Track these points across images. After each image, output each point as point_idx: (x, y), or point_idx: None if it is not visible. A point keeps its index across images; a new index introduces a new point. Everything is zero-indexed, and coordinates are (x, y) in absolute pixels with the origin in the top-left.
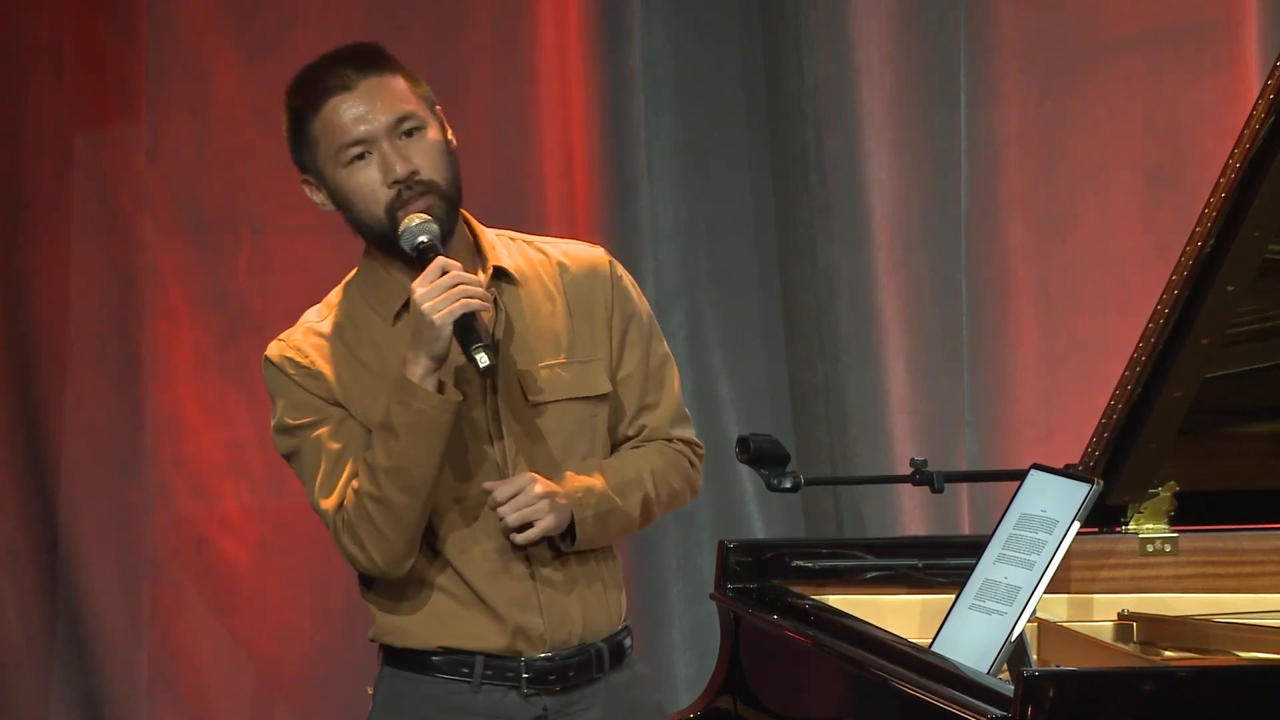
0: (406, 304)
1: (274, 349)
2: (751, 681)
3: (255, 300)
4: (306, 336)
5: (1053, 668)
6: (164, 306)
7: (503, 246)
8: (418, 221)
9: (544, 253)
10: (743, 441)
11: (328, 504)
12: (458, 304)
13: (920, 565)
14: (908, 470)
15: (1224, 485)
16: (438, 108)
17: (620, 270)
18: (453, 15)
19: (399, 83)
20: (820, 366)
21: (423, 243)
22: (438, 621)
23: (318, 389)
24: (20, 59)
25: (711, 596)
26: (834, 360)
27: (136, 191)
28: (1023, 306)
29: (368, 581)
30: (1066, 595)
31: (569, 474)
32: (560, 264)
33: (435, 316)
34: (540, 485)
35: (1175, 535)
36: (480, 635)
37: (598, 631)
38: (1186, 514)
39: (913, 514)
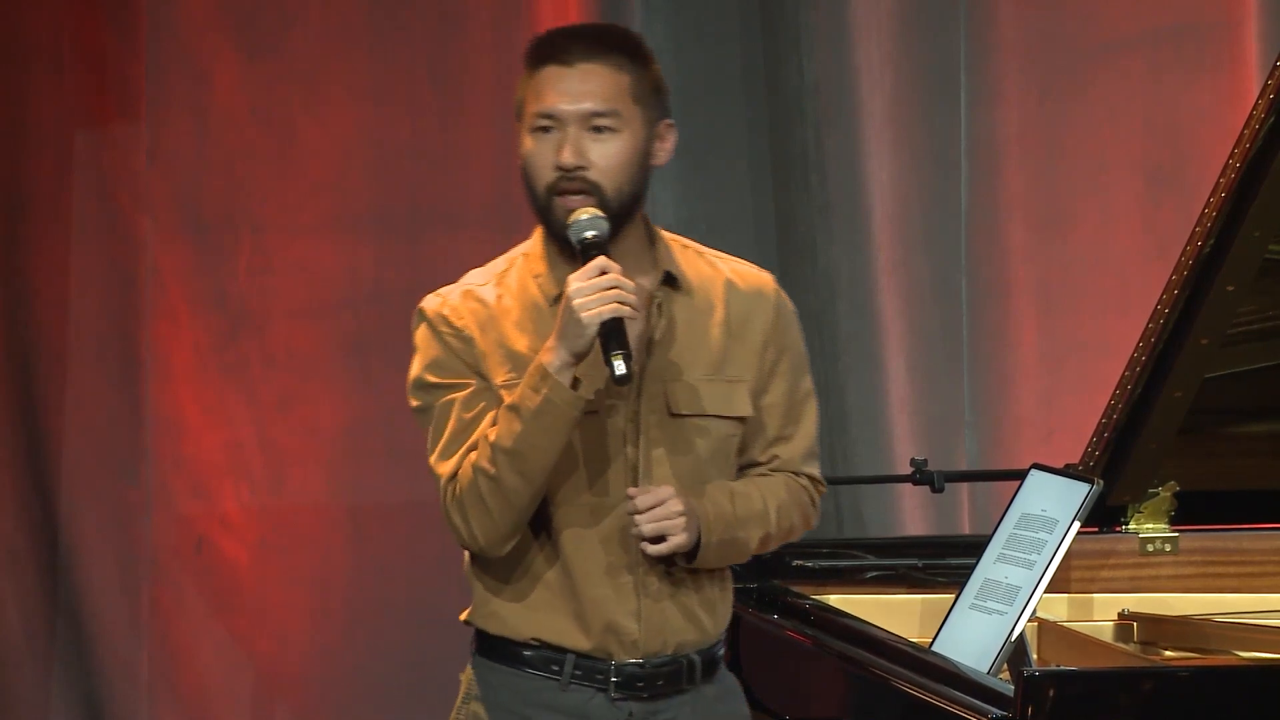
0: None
1: (431, 303)
2: (751, 681)
3: (255, 300)
4: (465, 300)
5: (1053, 668)
6: (164, 306)
7: (678, 253)
8: (588, 216)
9: (714, 266)
10: None
11: (443, 469)
12: (608, 306)
13: (920, 565)
14: (908, 470)
15: (1224, 485)
16: (665, 122)
17: (785, 298)
18: (453, 15)
19: (618, 78)
20: (820, 366)
21: (587, 238)
22: (534, 613)
23: (465, 353)
24: (20, 59)
25: None
26: (834, 360)
27: (136, 191)
28: (1023, 306)
29: (476, 558)
30: (1066, 595)
31: (701, 496)
32: (728, 281)
33: (584, 314)
34: (680, 501)
35: (1175, 535)
36: (573, 633)
37: (693, 643)
38: (1186, 514)
39: (913, 514)
